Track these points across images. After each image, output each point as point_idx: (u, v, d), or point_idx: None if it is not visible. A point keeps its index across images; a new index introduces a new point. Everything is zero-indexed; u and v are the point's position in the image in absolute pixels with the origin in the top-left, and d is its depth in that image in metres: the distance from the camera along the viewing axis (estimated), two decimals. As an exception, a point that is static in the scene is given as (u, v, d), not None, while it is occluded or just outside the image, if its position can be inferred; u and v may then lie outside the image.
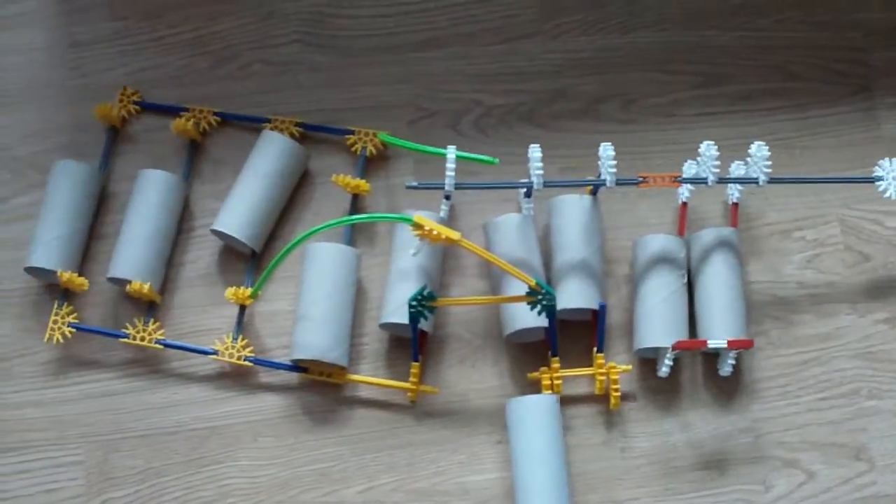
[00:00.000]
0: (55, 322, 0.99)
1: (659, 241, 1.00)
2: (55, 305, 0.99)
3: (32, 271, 1.00)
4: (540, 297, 0.92)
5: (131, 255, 0.99)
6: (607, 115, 1.10)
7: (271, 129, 1.06)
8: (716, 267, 0.99)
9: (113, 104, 1.07)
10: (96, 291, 1.02)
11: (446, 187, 0.95)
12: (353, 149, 1.07)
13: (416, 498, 0.97)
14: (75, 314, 1.00)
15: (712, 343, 0.94)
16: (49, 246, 0.99)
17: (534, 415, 0.95)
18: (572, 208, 1.01)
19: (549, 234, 1.03)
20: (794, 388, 1.01)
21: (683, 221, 1.05)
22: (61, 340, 0.98)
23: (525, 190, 1.02)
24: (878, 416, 1.01)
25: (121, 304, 1.02)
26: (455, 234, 0.88)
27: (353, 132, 1.07)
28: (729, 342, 0.95)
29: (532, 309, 0.93)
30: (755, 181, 0.98)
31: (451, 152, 0.95)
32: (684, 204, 1.05)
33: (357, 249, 1.01)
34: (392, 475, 0.98)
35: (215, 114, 1.08)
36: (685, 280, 1.01)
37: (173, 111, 1.07)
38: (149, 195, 1.01)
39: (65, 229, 0.99)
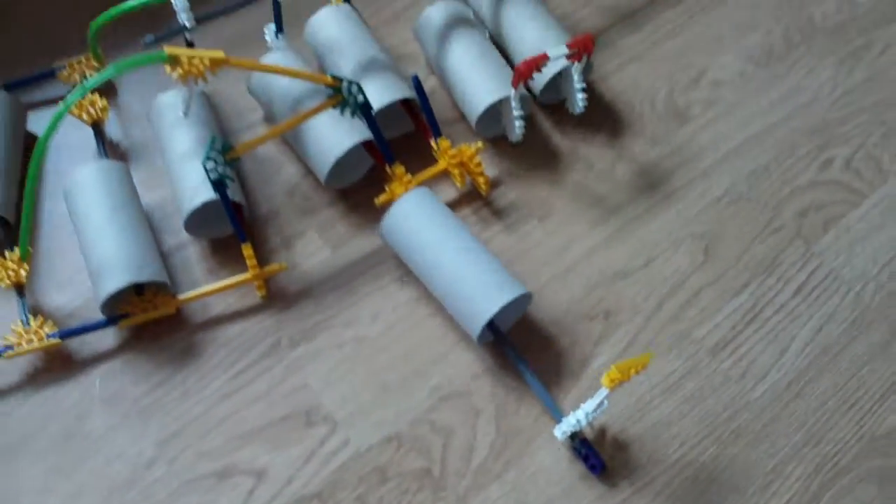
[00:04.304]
0: None
1: (440, 10, 0.90)
2: None
3: None
4: (346, 85, 0.77)
5: None
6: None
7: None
8: (515, 7, 0.90)
9: None
10: None
11: (187, 24, 0.83)
12: (71, 82, 0.90)
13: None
14: None
15: (553, 52, 0.81)
16: None
17: (419, 210, 0.79)
18: (331, 20, 0.88)
19: (320, 56, 0.89)
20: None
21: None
22: None
23: (274, 28, 0.91)
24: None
25: None
26: (218, 53, 0.72)
27: (61, 69, 0.91)
28: (569, 44, 0.81)
29: (342, 111, 0.78)
30: None
31: None
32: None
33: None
34: (295, 374, 0.78)
35: None
36: (488, 34, 0.90)
37: None
38: None
39: None
